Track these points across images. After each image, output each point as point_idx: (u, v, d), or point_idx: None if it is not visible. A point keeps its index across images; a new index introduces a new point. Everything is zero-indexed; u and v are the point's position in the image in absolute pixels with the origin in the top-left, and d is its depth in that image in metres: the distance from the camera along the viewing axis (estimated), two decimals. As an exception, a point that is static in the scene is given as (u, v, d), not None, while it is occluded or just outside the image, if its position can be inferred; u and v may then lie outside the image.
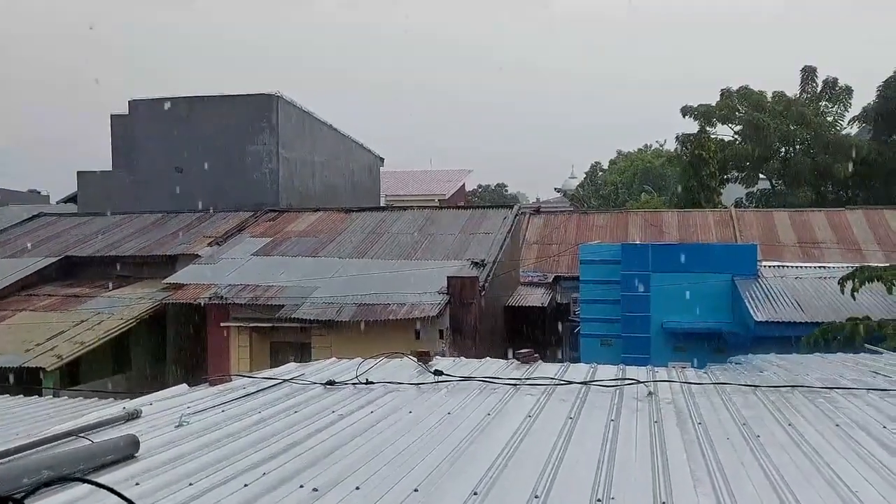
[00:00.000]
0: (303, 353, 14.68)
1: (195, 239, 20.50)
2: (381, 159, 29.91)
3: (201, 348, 16.69)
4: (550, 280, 21.39)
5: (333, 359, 6.49)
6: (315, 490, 3.02)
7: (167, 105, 23.49)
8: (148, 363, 17.71)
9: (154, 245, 20.42)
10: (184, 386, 5.54)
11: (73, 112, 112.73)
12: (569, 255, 22.31)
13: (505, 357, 6.58)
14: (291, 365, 6.30)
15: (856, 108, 35.49)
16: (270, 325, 15.67)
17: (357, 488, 3.03)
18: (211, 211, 22.42)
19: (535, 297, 19.86)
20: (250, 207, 22.37)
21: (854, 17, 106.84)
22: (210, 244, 19.77)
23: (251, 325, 15.92)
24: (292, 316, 15.19)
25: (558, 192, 61.98)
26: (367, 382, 5.25)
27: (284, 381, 5.46)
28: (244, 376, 5.88)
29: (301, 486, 3.06)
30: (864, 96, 36.01)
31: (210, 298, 16.30)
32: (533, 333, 18.67)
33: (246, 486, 3.08)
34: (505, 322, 18.80)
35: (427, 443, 3.72)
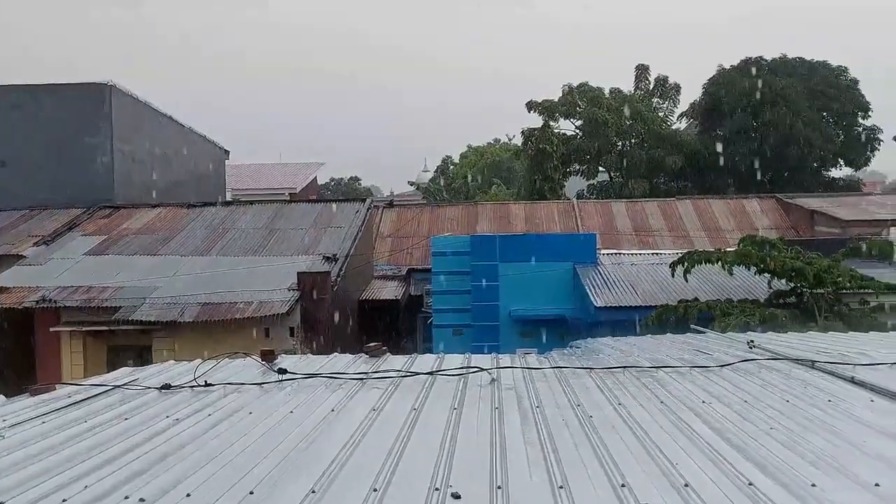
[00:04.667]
0: (143, 357, 13.94)
1: (20, 238, 19.00)
2: (227, 152, 28.93)
3: (29, 356, 15.48)
4: (404, 273, 21.52)
5: (171, 361, 6.18)
6: (142, 500, 2.85)
7: (-15, 94, 21.60)
8: (-33, 375, 16.22)
9: (-28, 246, 18.74)
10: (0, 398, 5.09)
11: None
12: (422, 247, 22.53)
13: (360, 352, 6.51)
14: (125, 369, 5.94)
15: (684, 104, 38.09)
16: (107, 328, 14.76)
17: (188, 495, 2.89)
18: (38, 209, 20.83)
19: (389, 291, 19.92)
20: (83, 204, 20.98)
21: (683, 18, 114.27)
22: (36, 244, 18.39)
23: (85, 328, 14.94)
24: (130, 318, 14.40)
25: (411, 185, 62.43)
26: (207, 385, 5.03)
27: (116, 387, 5.13)
28: (71, 384, 5.49)
29: (126, 498, 2.88)
30: (692, 93, 38.69)
31: (38, 302, 15.15)
32: (388, 327, 18.70)
33: (64, 501, 2.86)
34: (359, 316, 18.71)
35: (266, 444, 3.61)
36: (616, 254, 18.11)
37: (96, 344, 15.16)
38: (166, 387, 5.04)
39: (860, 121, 35.62)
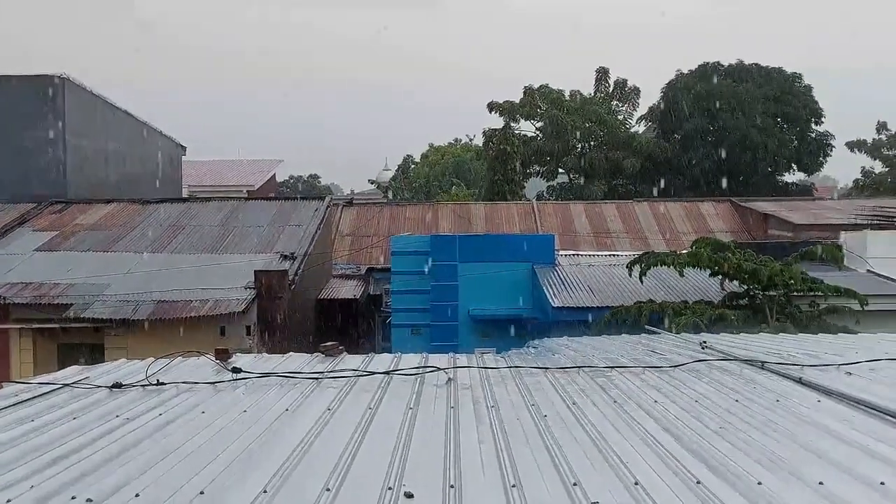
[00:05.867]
0: (96, 356, 13.67)
1: (-33, 234, 18.48)
2: (183, 147, 28.48)
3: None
4: (363, 272, 21.43)
5: (122, 360, 6.07)
6: (89, 500, 2.80)
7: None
8: None
9: (-84, 241, 18.18)
10: None
11: None
12: (381, 246, 22.47)
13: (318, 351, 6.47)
14: (74, 368, 5.81)
15: (643, 108, 38.63)
16: (58, 326, 14.45)
17: (137, 495, 2.85)
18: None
19: (348, 290, 19.81)
20: (33, 199, 20.48)
21: (643, 23, 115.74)
22: (-16, 239, 17.91)
23: (35, 326, 14.60)
24: (82, 315, 14.11)
25: (372, 183, 62.22)
26: (158, 383, 4.96)
27: (65, 385, 5.03)
28: (19, 382, 5.36)
29: (73, 498, 2.82)
30: (651, 97, 39.29)
31: (-15, 299, 14.76)
32: (346, 326, 18.61)
33: (9, 501, 2.79)
34: (317, 315, 18.58)
35: (219, 443, 3.57)
36: (574, 255, 18.27)
37: (47, 342, 14.83)
38: (117, 385, 4.95)
39: (813, 127, 36.47)
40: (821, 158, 36.97)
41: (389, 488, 2.84)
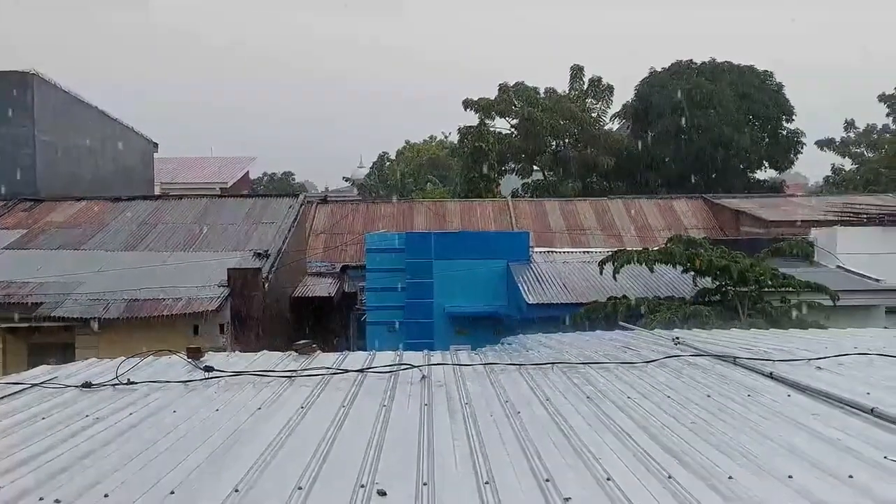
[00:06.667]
0: (67, 356, 13.47)
1: (-68, 232, 18.15)
2: (155, 144, 28.16)
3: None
4: (338, 270, 21.34)
5: (92, 359, 5.99)
6: (57, 501, 2.76)
7: None
8: None
9: None
10: None
11: None
12: (356, 244, 22.38)
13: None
14: (44, 367, 5.73)
15: (616, 105, 38.85)
16: (28, 325, 14.23)
17: (106, 496, 2.81)
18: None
19: (322, 287, 19.71)
20: (2, 197, 20.17)
21: (617, 20, 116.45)
22: (-49, 238, 17.60)
23: (4, 325, 14.36)
24: (52, 314, 13.91)
25: (347, 181, 62.04)
26: (129, 383, 4.90)
27: (34, 385, 4.95)
28: (-16, 383, 5.26)
29: (41, 499, 2.78)
30: (625, 94, 39.54)
31: (-47, 298, 14.50)
32: (321, 324, 18.52)
33: (-25, 504, 2.75)
34: (292, 313, 18.48)
35: (190, 442, 3.53)
36: (549, 252, 18.33)
37: (16, 341, 14.59)
38: (87, 385, 4.88)
39: (784, 124, 36.89)
40: (792, 156, 37.41)
41: (362, 486, 2.83)
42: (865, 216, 20.08)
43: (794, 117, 36.73)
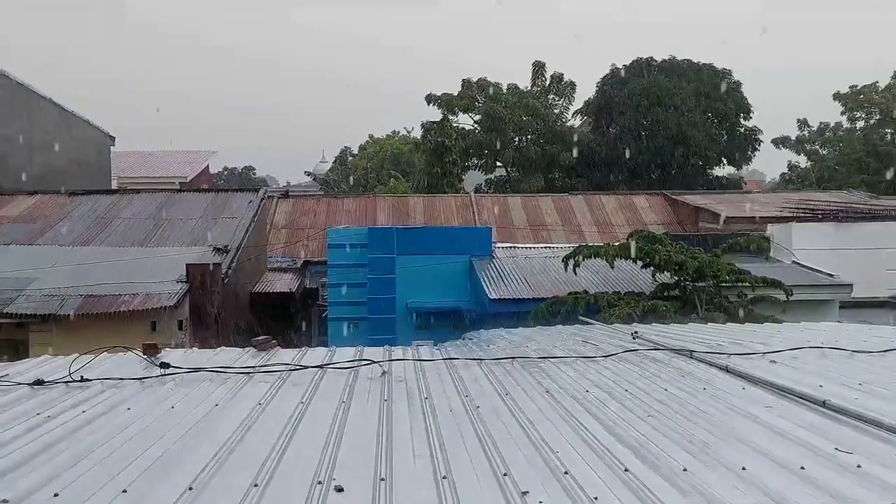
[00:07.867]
0: (20, 353, 13.16)
1: None
2: (112, 138, 27.60)
3: None
4: (300, 265, 21.16)
5: (45, 356, 5.86)
6: (5, 501, 2.69)
7: None
8: None
9: None
10: None
11: None
12: (318, 239, 22.22)
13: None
14: (-7, 365, 5.59)
15: (578, 101, 39.11)
16: (-22, 322, 13.86)
17: (56, 495, 2.75)
18: None
19: (283, 283, 19.52)
20: (-49, 190, 19.62)
21: (579, 17, 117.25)
22: None
23: (-47, 323, 13.98)
24: (4, 311, 13.56)
25: (309, 175, 61.51)
26: (83, 380, 4.80)
27: (-18, 383, 4.82)
28: (-69, 382, 5.11)
29: (-12, 500, 2.71)
30: (587, 91, 39.79)
31: None
32: (282, 320, 18.35)
33: (-82, 506, 2.66)
34: (252, 309, 18.27)
35: (144, 440, 3.47)
36: (511, 247, 18.38)
37: (-34, 339, 14.22)
38: (38, 382, 4.78)
39: (742, 122, 37.47)
40: (749, 153, 38.01)
41: (319, 482, 2.81)
42: (820, 213, 20.52)
43: (751, 115, 37.35)
